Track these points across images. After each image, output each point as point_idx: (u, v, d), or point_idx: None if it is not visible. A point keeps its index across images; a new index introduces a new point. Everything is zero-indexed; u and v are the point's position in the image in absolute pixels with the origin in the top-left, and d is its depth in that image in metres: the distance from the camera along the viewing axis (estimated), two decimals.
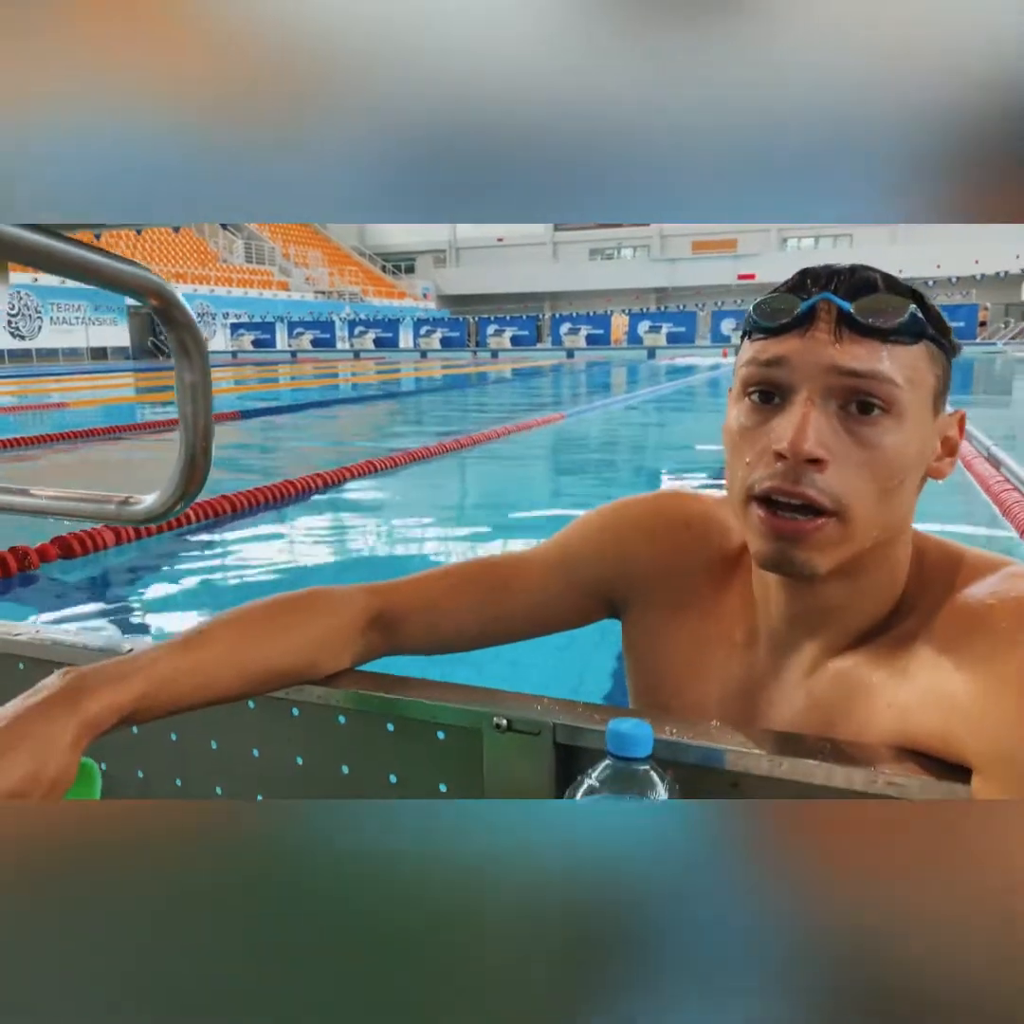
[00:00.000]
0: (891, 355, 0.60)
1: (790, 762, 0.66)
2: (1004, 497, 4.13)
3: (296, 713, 0.84)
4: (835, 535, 0.61)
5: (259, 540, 4.37)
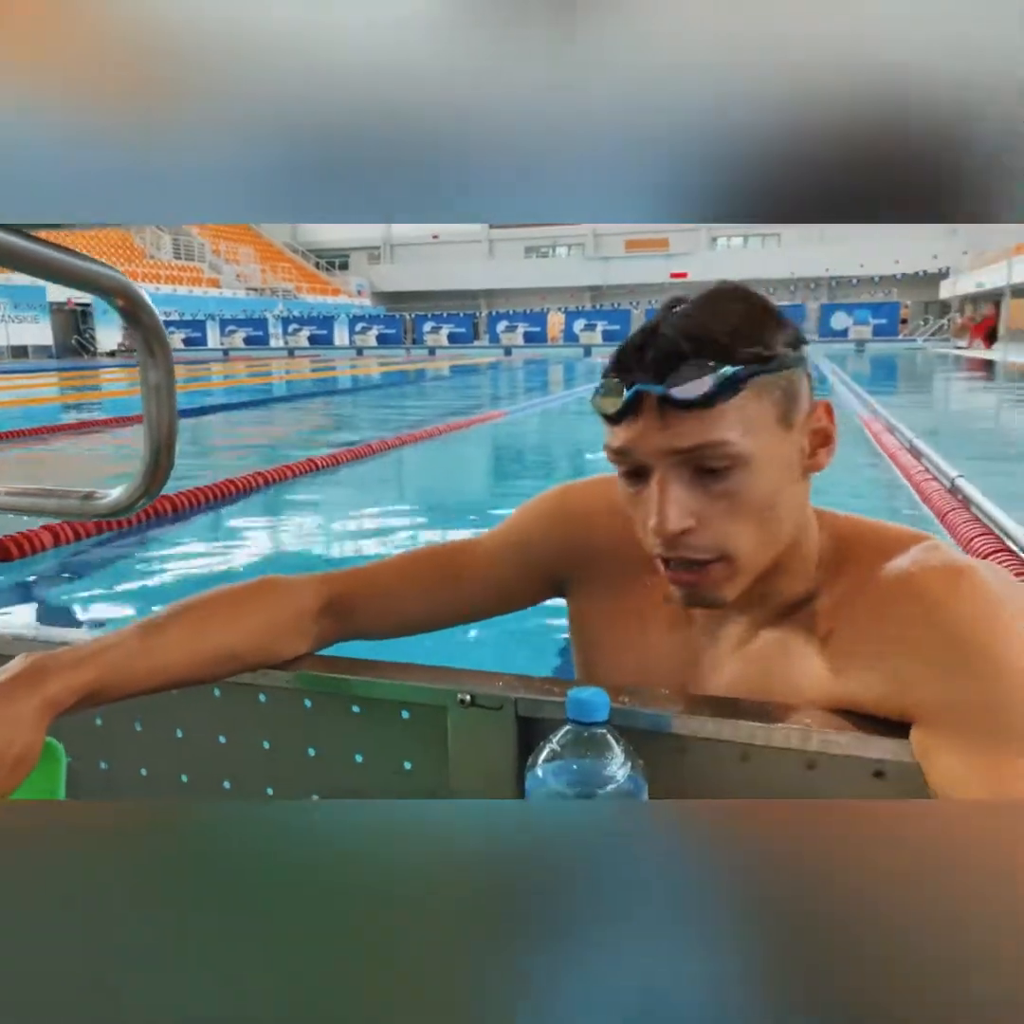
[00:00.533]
0: (719, 416, 0.64)
1: (732, 724, 0.71)
2: (925, 487, 4.32)
3: (263, 699, 0.87)
4: (726, 574, 0.69)
5: (200, 540, 4.31)
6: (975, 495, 3.79)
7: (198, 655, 0.76)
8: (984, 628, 0.60)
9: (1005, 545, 3.04)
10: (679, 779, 0.73)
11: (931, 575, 0.65)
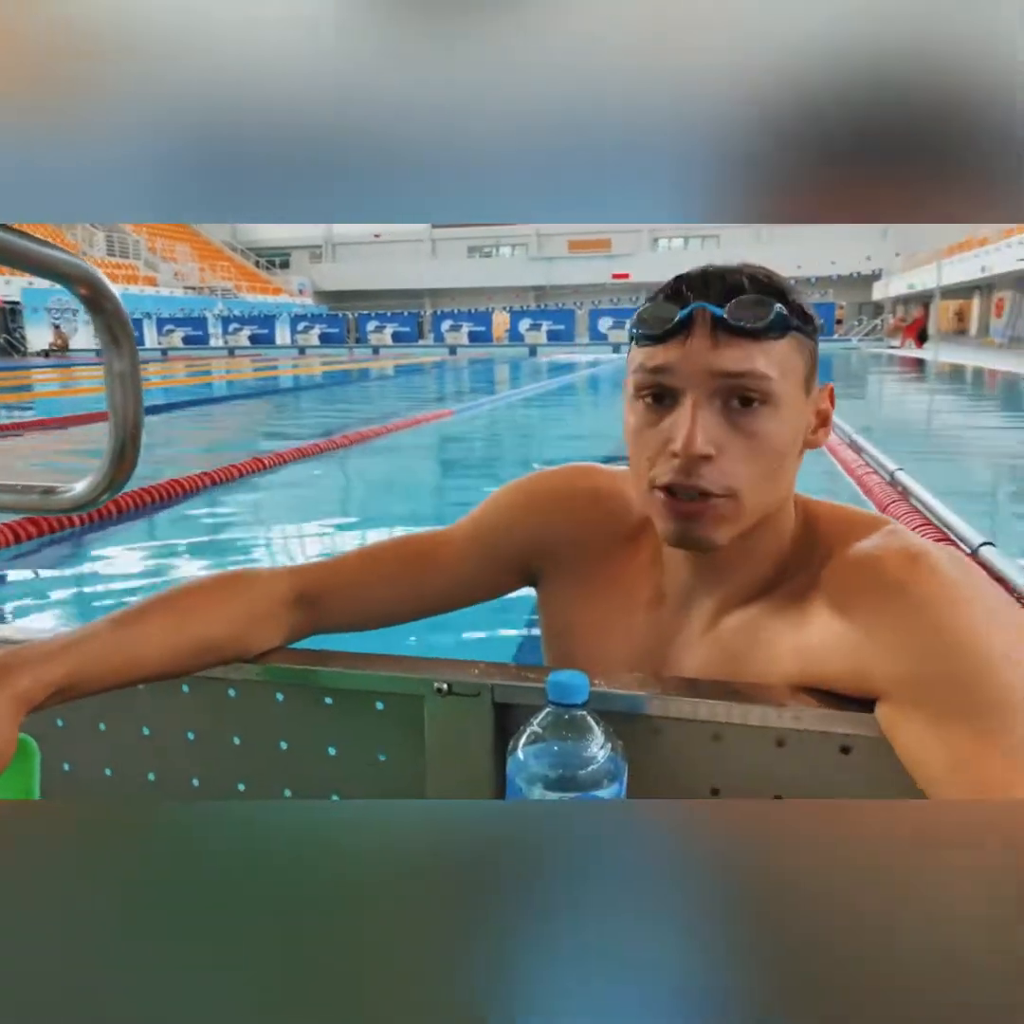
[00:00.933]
0: (763, 351, 0.67)
1: (704, 704, 0.73)
2: (866, 480, 4.46)
3: (233, 693, 0.86)
4: (728, 513, 0.70)
5: (143, 542, 4.21)
6: (914, 487, 3.91)
7: (174, 647, 0.75)
8: (943, 606, 0.63)
9: (945, 535, 3.14)
10: (655, 759, 0.74)
11: (893, 558, 0.67)
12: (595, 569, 0.87)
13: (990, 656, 0.60)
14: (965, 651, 0.60)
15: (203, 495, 4.95)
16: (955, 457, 6.50)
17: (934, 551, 0.68)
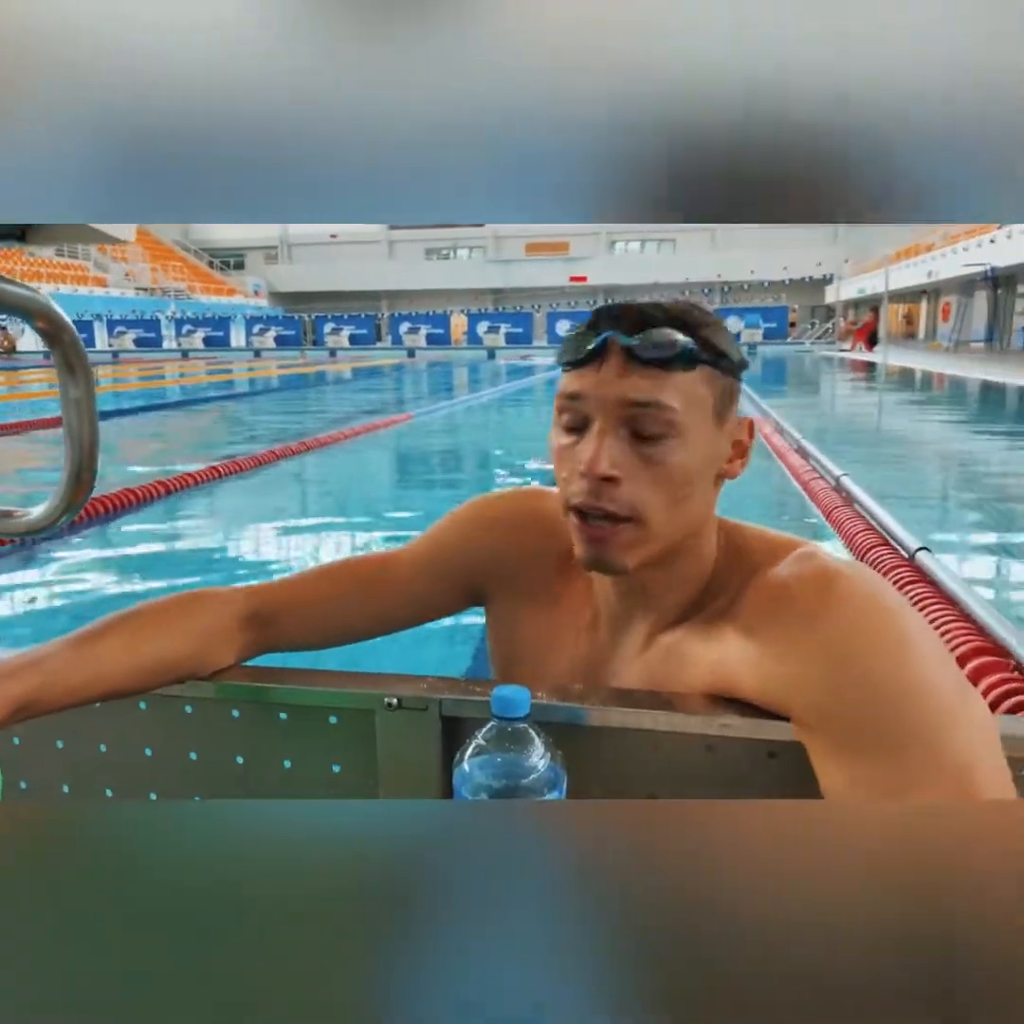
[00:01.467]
0: (670, 383, 0.70)
1: (641, 714, 0.77)
2: (812, 485, 4.56)
3: (189, 710, 0.88)
4: (634, 538, 0.73)
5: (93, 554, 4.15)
6: (858, 493, 4.02)
7: (132, 666, 0.77)
8: (852, 636, 0.65)
9: (885, 540, 3.25)
10: (595, 766, 0.78)
11: (805, 583, 0.70)
12: (539, 590, 0.91)
13: (894, 688, 0.62)
14: (869, 683, 0.62)
15: (156, 504, 4.89)
16: (901, 461, 6.68)
17: (848, 574, 0.69)
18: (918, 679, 0.62)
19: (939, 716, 0.61)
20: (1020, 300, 21.60)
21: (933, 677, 0.63)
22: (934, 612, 2.34)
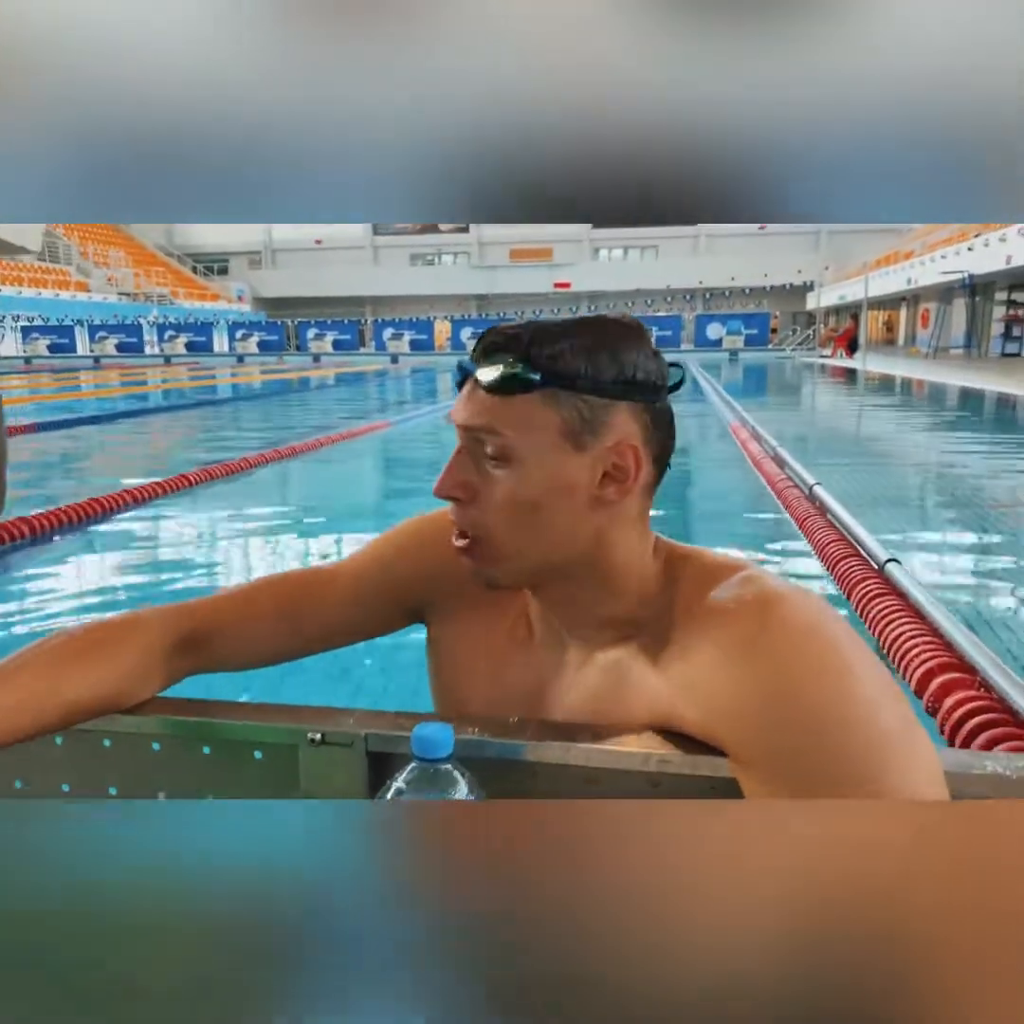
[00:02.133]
0: (503, 408, 0.71)
1: (577, 748, 0.74)
2: (787, 494, 4.54)
3: (108, 744, 0.84)
4: (484, 553, 0.75)
5: (63, 565, 4.08)
6: (830, 502, 4.01)
7: (41, 712, 0.74)
8: (787, 668, 0.62)
9: (855, 550, 3.24)
10: None
11: (743, 610, 0.67)
12: (479, 606, 0.88)
13: (831, 723, 0.59)
14: (805, 718, 0.60)
15: (124, 514, 4.82)
16: (877, 468, 6.71)
17: (789, 599, 0.67)
18: (857, 713, 0.60)
19: (879, 752, 0.59)
20: (998, 307, 21.83)
21: (874, 711, 0.60)
22: (901, 626, 2.32)
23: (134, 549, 4.37)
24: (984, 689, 1.84)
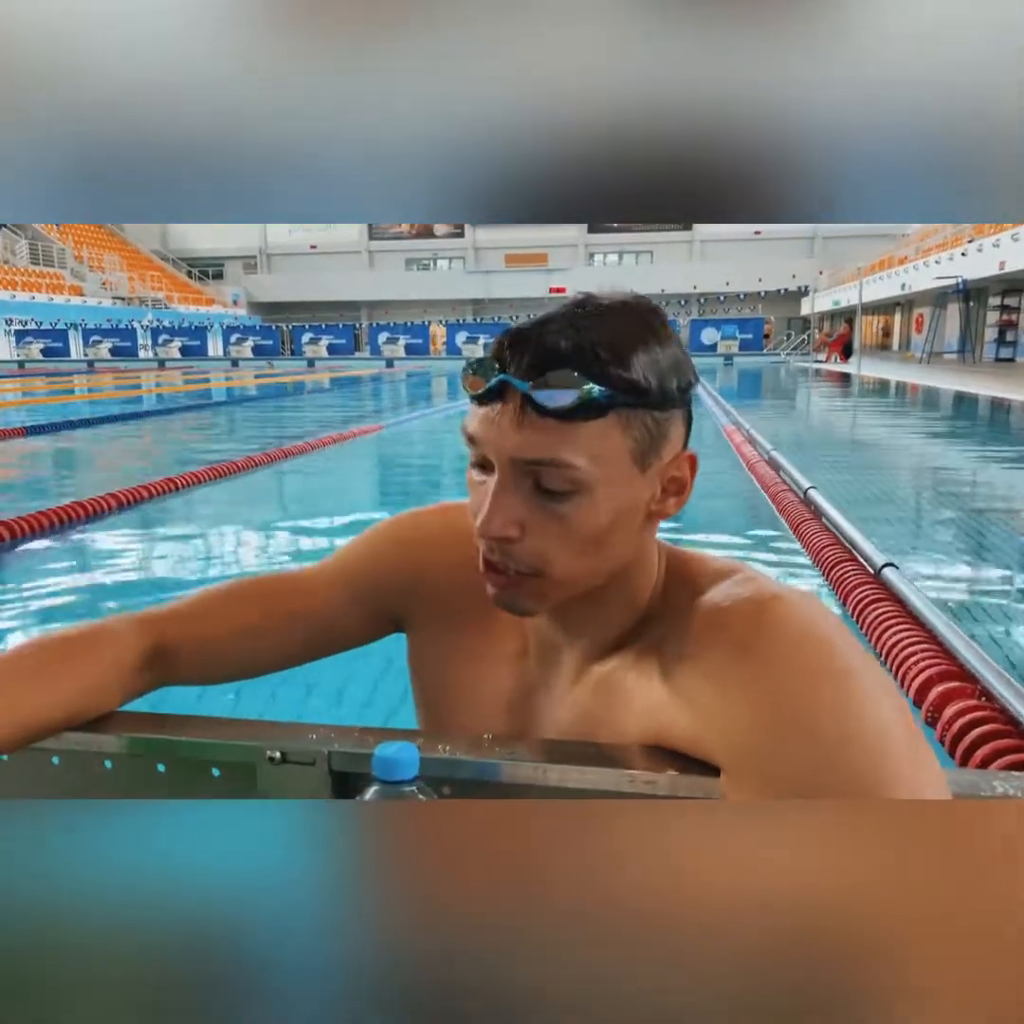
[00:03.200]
0: (571, 436, 0.60)
1: (557, 769, 0.69)
2: (781, 497, 4.50)
3: (56, 762, 0.79)
4: (538, 588, 0.67)
5: (46, 568, 4.03)
6: (825, 506, 3.98)
7: (5, 723, 0.70)
8: (782, 674, 0.58)
9: (851, 555, 3.19)
10: None
11: (737, 612, 0.64)
12: (463, 615, 0.83)
13: (830, 733, 0.55)
14: (809, 729, 0.56)
15: (113, 517, 4.77)
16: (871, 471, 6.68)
17: (784, 600, 0.63)
18: (858, 722, 0.55)
19: (881, 764, 0.54)
20: (992, 312, 21.89)
21: (876, 720, 0.56)
22: (899, 633, 2.27)
23: (122, 553, 4.31)
24: (985, 698, 1.79)
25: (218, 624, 0.83)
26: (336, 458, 7.49)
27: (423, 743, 0.70)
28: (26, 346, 28.73)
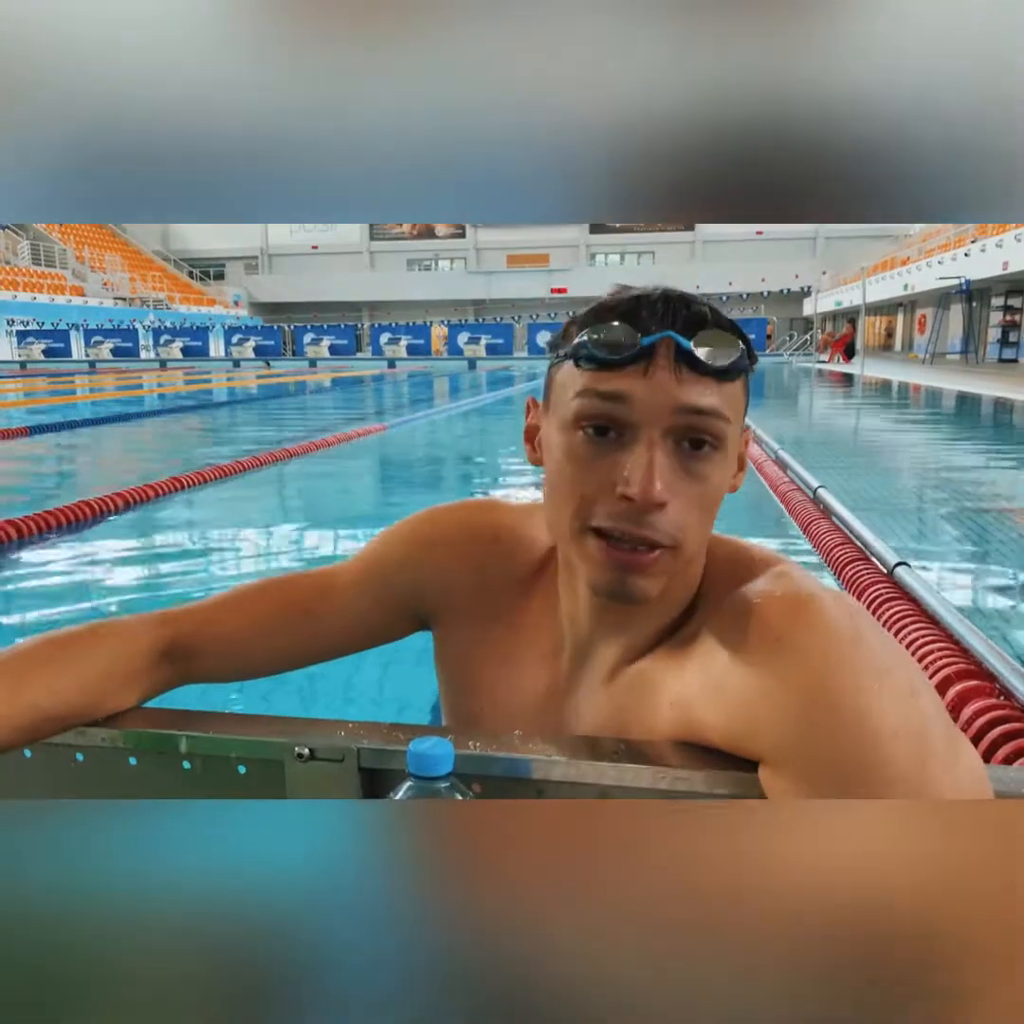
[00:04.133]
0: (723, 392, 0.63)
1: (588, 765, 0.68)
2: (789, 497, 4.48)
3: (81, 759, 0.78)
4: (669, 564, 0.64)
5: (50, 569, 4.02)
6: (835, 505, 3.97)
7: (6, 720, 0.68)
8: (821, 668, 0.57)
9: (863, 554, 3.18)
10: None
11: (774, 607, 0.63)
12: (492, 612, 0.82)
13: (863, 725, 0.55)
14: (850, 725, 0.55)
15: (118, 517, 4.77)
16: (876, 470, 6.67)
17: (819, 598, 0.63)
18: (900, 718, 0.55)
19: (921, 759, 0.54)
20: (995, 312, 21.86)
21: (917, 716, 0.56)
22: (914, 632, 2.25)
23: (126, 553, 4.30)
24: (1005, 697, 1.78)
25: (237, 622, 0.82)
26: (341, 458, 7.48)
27: (454, 740, 0.69)
28: (28, 347, 28.73)
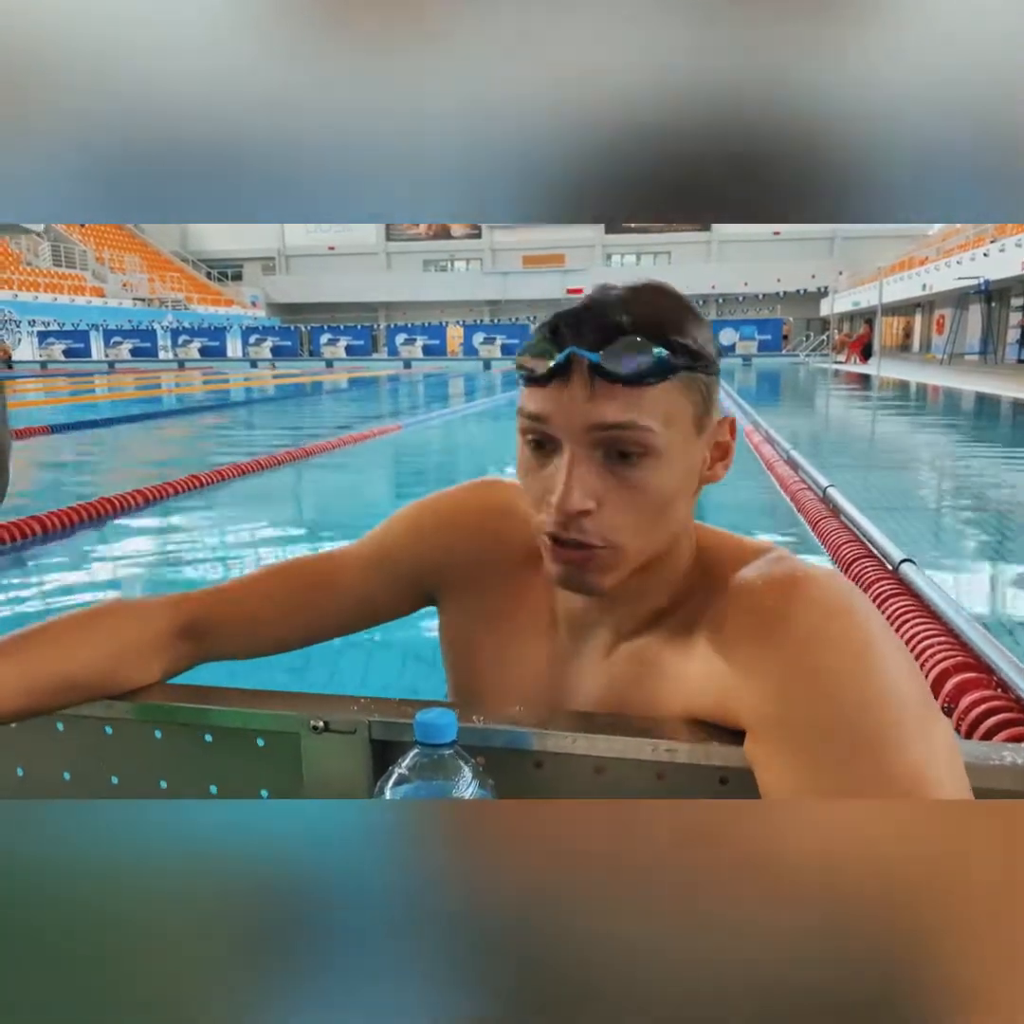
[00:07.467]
0: (643, 400, 0.63)
1: (584, 738, 0.72)
2: (800, 496, 4.51)
3: (109, 731, 0.83)
4: (609, 562, 0.68)
5: (73, 563, 4.10)
6: (844, 504, 3.98)
7: (30, 685, 0.72)
8: (815, 643, 0.61)
9: (869, 551, 3.21)
10: (537, 792, 0.73)
11: (771, 586, 0.66)
12: (496, 589, 0.86)
13: (850, 698, 0.58)
14: (830, 694, 0.58)
15: (135, 514, 4.84)
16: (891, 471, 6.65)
17: (815, 578, 0.66)
18: (877, 689, 0.58)
19: (897, 728, 0.57)
20: (1014, 313, 21.67)
21: (894, 689, 0.59)
22: (917, 626, 2.29)
23: (149, 546, 4.38)
24: (1002, 689, 1.81)
25: (252, 601, 0.86)
26: (357, 457, 7.54)
27: (458, 713, 0.73)
28: (48, 347, 29.05)
